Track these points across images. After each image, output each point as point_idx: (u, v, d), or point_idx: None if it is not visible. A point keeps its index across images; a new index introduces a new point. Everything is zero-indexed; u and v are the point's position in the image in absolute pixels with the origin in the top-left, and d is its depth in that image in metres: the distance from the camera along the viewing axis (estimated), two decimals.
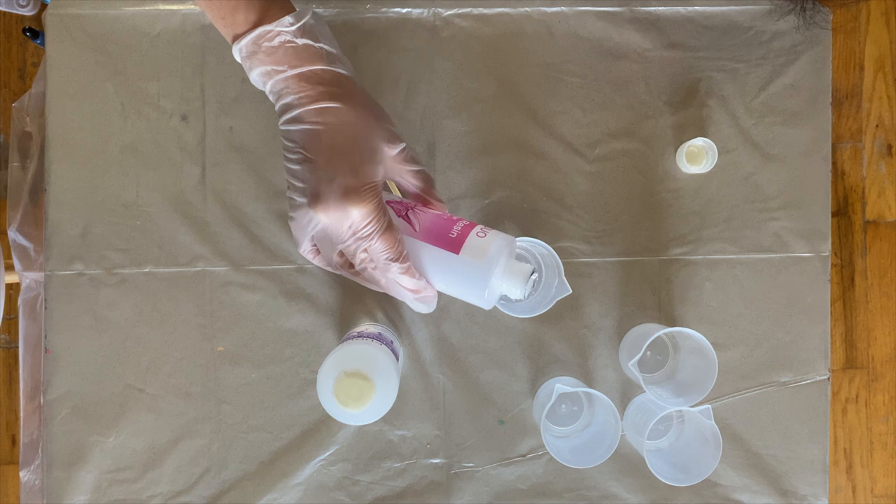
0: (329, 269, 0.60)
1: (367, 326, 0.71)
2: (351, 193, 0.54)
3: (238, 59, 0.56)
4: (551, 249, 0.68)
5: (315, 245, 0.59)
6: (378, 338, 0.65)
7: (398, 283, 0.58)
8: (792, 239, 0.76)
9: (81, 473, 0.72)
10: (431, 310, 0.60)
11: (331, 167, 0.54)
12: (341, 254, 0.59)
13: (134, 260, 0.73)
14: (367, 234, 0.55)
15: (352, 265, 0.59)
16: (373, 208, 0.54)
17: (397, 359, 0.66)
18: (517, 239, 0.69)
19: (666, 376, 0.76)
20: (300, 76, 0.54)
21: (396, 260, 0.56)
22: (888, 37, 1.56)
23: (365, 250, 0.56)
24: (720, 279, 0.76)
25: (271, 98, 0.56)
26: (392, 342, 0.68)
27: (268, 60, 0.54)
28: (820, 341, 0.76)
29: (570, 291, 0.68)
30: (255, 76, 0.56)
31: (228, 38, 0.56)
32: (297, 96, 0.54)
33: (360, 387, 0.58)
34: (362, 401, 0.58)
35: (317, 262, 0.61)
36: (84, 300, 0.72)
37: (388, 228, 0.55)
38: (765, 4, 0.75)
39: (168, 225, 0.73)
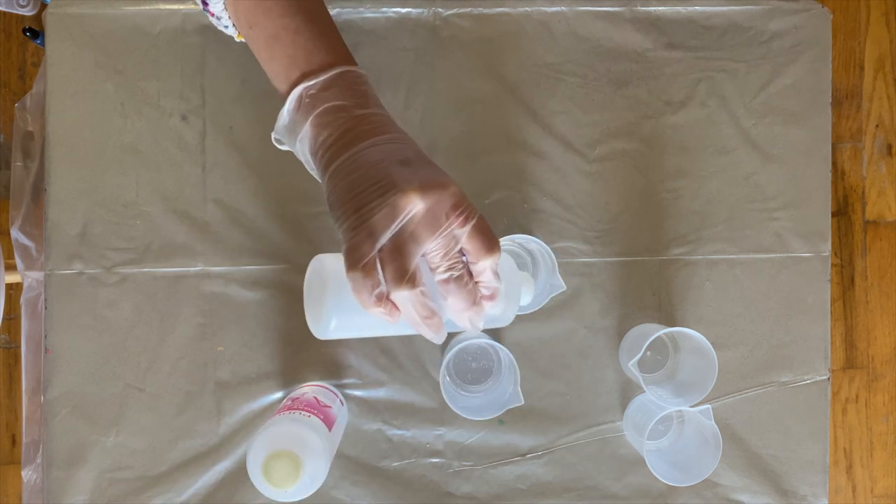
0: (395, 287, 0.46)
1: (308, 387, 0.71)
2: (442, 172, 0.48)
3: (297, 93, 0.51)
4: (545, 245, 0.68)
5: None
6: (314, 407, 0.65)
7: (483, 281, 0.48)
8: (792, 239, 0.76)
9: (81, 473, 0.72)
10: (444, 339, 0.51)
11: (413, 152, 0.49)
12: (407, 283, 0.46)
13: (134, 259, 0.73)
14: (471, 211, 0.47)
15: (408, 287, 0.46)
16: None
17: (334, 423, 0.65)
18: (511, 237, 0.69)
19: (666, 376, 0.76)
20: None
21: (494, 251, 0.48)
22: (888, 37, 1.56)
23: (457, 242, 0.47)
24: (720, 279, 0.76)
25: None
26: (330, 406, 0.67)
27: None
28: (820, 341, 0.76)
29: (564, 288, 0.68)
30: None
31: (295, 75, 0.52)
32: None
33: (288, 468, 0.60)
34: (290, 480, 0.60)
35: (369, 296, 0.46)
36: (84, 300, 0.72)
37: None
38: (765, 4, 0.75)
39: (168, 225, 0.73)
